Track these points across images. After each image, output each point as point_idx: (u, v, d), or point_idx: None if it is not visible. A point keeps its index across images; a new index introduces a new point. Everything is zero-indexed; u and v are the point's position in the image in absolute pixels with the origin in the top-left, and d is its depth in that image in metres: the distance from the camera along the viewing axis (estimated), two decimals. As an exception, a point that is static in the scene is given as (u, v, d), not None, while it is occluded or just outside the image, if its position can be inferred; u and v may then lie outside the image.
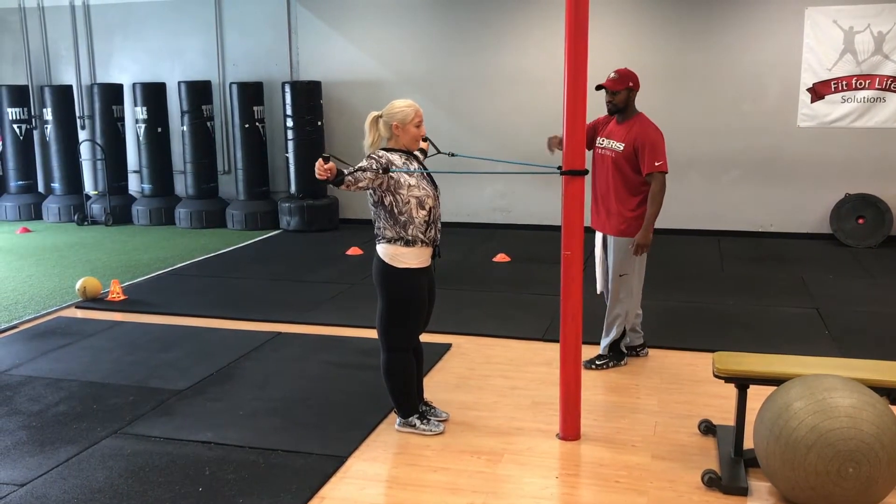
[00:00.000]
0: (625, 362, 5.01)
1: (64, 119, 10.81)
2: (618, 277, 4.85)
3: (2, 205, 11.02)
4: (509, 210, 9.85)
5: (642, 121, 4.77)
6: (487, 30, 9.55)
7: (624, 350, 5.01)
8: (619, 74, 4.83)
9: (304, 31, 10.22)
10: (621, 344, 4.98)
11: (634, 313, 5.02)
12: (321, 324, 5.97)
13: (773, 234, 9.04)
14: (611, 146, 4.79)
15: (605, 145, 4.84)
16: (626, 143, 4.71)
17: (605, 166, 4.82)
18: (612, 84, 4.81)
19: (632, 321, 5.00)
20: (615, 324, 4.92)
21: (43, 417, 4.32)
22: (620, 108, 4.82)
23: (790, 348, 5.12)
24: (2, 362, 5.21)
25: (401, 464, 3.78)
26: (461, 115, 9.79)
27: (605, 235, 4.94)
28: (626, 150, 4.70)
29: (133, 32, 10.89)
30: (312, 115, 9.76)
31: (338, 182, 3.62)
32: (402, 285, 3.88)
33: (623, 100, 4.80)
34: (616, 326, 4.92)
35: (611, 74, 4.86)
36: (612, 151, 4.77)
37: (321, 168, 3.55)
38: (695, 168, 9.17)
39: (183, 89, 10.19)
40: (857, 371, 3.46)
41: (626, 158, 4.70)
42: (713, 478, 3.46)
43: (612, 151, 4.77)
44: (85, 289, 6.63)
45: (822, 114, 8.78)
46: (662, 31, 9.03)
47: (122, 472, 3.68)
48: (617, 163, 4.74)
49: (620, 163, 4.73)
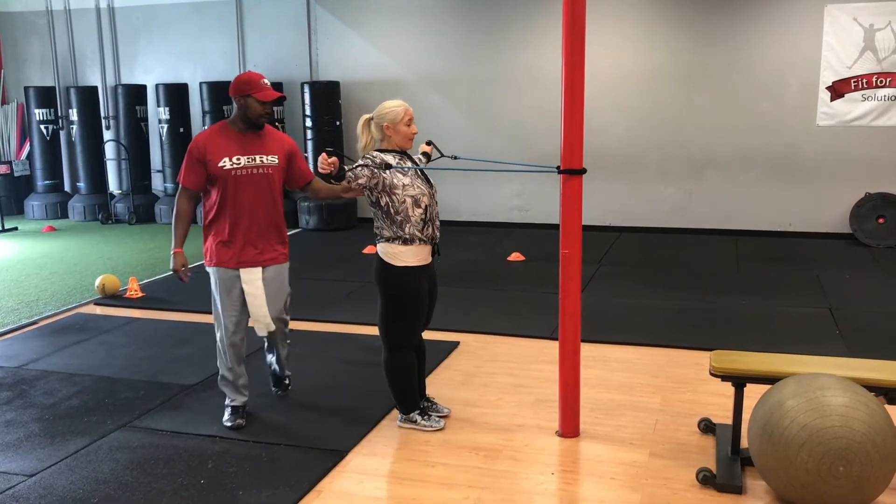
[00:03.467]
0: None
1: (89, 120, 11.01)
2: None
3: (29, 204, 11.26)
4: (527, 209, 9.87)
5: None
6: (506, 30, 9.58)
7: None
8: None
9: (324, 32, 10.32)
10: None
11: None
12: (333, 321, 6.04)
13: (792, 234, 8.97)
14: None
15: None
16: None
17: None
18: None
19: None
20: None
21: (56, 410, 4.44)
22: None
23: (798, 348, 5.09)
24: (20, 357, 5.35)
25: (399, 459, 3.83)
26: (479, 114, 9.82)
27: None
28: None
29: (156, 34, 11.07)
30: (331, 115, 9.86)
31: (339, 177, 3.69)
32: (402, 283, 3.93)
33: None
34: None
35: None
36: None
37: (325, 162, 3.64)
38: (712, 167, 9.12)
39: (204, 90, 10.33)
40: (854, 370, 3.45)
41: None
42: (708, 476, 3.47)
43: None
44: (104, 286, 6.77)
45: (842, 112, 8.69)
46: (681, 29, 8.99)
47: (127, 464, 3.78)
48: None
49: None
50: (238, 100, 4.01)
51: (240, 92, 4.00)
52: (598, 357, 5.18)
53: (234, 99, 4.04)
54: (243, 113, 4.03)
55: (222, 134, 4.06)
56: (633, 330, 5.69)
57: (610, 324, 5.84)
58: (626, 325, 5.82)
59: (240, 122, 4.06)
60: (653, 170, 9.34)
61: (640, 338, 5.52)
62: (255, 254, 4.08)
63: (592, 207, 9.46)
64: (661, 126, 9.21)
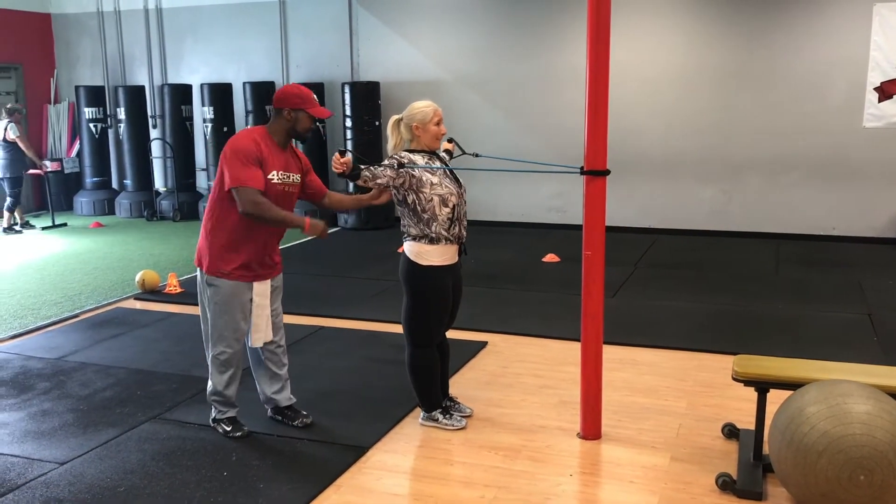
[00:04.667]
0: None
1: (136, 118, 11.29)
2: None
3: (78, 200, 11.57)
4: (565, 210, 9.83)
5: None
6: (544, 30, 9.55)
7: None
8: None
9: (365, 33, 10.42)
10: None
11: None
12: (363, 319, 6.10)
13: (836, 238, 8.78)
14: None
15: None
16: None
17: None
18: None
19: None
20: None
21: (90, 401, 4.56)
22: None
23: (834, 354, 4.98)
24: (60, 349, 5.51)
25: (419, 456, 3.86)
26: (517, 114, 9.82)
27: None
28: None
29: (202, 35, 11.29)
30: (370, 115, 9.94)
31: (353, 176, 3.73)
32: (427, 283, 3.96)
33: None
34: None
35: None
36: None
37: (337, 161, 3.67)
38: (754, 169, 8.98)
39: (248, 90, 10.50)
40: (880, 377, 3.38)
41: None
42: (727, 481, 3.43)
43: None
44: (144, 281, 6.93)
45: (890, 113, 8.49)
46: (722, 28, 8.86)
47: (154, 455, 3.87)
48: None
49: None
50: (288, 112, 3.83)
51: (292, 105, 3.83)
52: (627, 360, 5.14)
53: (282, 111, 3.84)
54: (291, 126, 3.85)
55: (269, 143, 3.84)
56: (664, 333, 5.64)
57: (641, 327, 5.79)
58: (657, 328, 5.77)
59: (282, 134, 3.88)
60: (692, 171, 9.23)
61: (671, 341, 5.47)
62: (269, 266, 3.98)
63: (630, 209, 9.41)
64: (701, 127, 9.09)
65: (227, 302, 3.88)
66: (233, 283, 3.87)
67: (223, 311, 3.90)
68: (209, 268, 3.88)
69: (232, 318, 3.91)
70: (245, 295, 3.91)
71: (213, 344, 3.98)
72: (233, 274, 3.86)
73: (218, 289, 3.88)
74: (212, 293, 3.89)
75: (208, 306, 3.94)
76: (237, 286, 3.88)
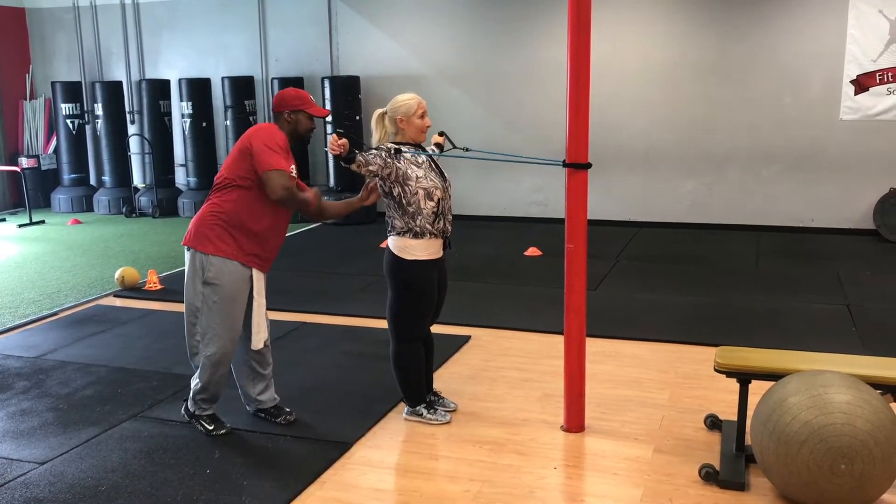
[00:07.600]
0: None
1: (114, 114, 11.17)
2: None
3: (56, 197, 11.45)
4: (546, 203, 9.84)
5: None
6: (525, 25, 9.55)
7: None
8: None
9: (345, 27, 10.37)
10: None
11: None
12: (346, 314, 6.08)
13: (814, 230, 8.86)
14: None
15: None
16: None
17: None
18: None
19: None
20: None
21: (70, 400, 4.52)
22: None
23: (813, 344, 5.02)
24: (39, 347, 5.45)
25: (404, 451, 3.86)
26: (498, 108, 9.81)
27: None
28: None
29: (180, 29, 11.19)
30: (351, 109, 9.90)
31: (349, 159, 3.73)
32: (412, 277, 3.95)
33: None
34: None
35: None
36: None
37: (335, 143, 3.67)
38: (733, 162, 9.04)
39: (227, 85, 10.43)
40: (860, 367, 3.41)
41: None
42: (710, 472, 3.45)
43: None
44: (123, 278, 6.87)
45: (867, 106, 8.57)
46: (702, 23, 8.90)
47: (136, 454, 3.84)
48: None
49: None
50: (288, 115, 3.90)
51: (292, 107, 3.90)
52: (611, 353, 5.16)
53: (283, 114, 3.91)
54: (293, 128, 3.93)
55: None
56: (646, 326, 5.67)
57: (624, 319, 5.81)
58: (640, 320, 5.79)
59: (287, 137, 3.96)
60: (673, 165, 9.27)
61: (654, 334, 5.49)
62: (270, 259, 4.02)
63: (611, 202, 9.45)
64: (682, 121, 9.14)
65: (227, 300, 3.84)
66: (238, 265, 3.81)
67: (222, 310, 3.84)
68: (214, 246, 3.79)
69: (230, 318, 3.87)
70: (246, 284, 3.87)
71: (207, 344, 3.91)
72: (238, 255, 3.81)
73: (218, 287, 3.81)
74: (210, 292, 3.83)
75: (206, 305, 3.86)
76: (241, 269, 3.82)
